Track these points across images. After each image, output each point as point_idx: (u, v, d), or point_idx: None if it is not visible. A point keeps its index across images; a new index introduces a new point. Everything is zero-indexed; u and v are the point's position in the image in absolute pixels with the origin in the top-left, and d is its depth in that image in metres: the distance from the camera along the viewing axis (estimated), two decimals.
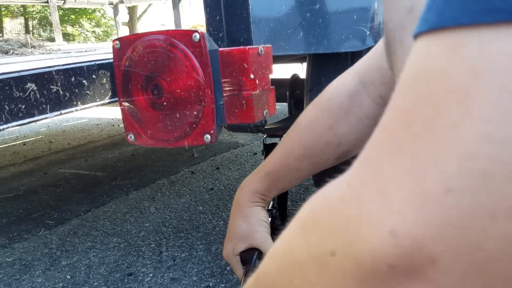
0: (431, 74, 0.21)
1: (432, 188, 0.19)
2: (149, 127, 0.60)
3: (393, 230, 0.20)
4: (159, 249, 1.31)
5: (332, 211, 0.24)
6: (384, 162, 0.22)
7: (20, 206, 1.75)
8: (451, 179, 0.19)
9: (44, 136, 3.21)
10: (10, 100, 0.52)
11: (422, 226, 0.19)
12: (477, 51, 0.19)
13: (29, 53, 1.91)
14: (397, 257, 0.20)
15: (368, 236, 0.21)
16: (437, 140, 0.20)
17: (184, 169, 2.10)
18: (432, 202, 0.19)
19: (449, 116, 0.19)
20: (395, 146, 0.21)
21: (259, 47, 0.60)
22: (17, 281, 1.17)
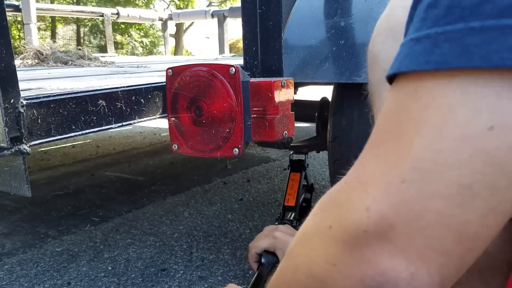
0: (399, 108, 0.32)
1: (394, 180, 0.30)
2: (190, 139, 0.74)
3: (368, 207, 0.31)
4: (189, 250, 1.44)
5: (331, 199, 0.36)
6: (367, 165, 0.33)
7: (69, 203, 1.93)
8: (405, 174, 0.30)
9: (92, 141, 3.44)
10: (85, 113, 0.67)
11: (386, 205, 0.30)
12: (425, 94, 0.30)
13: (86, 65, 2.12)
14: (370, 225, 0.31)
15: (352, 213, 0.32)
16: (399, 150, 0.31)
17: (217, 179, 2.24)
18: (392, 189, 0.30)
19: (408, 134, 0.30)
20: (375, 154, 0.33)
21: (283, 80, 0.73)
22: (65, 268, 1.33)
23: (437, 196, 0.29)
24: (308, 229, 0.38)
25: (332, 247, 0.34)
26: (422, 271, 0.30)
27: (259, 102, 0.70)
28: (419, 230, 0.29)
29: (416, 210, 0.29)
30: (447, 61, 0.28)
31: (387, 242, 0.30)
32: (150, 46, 15.54)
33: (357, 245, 0.32)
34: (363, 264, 0.31)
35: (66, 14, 4.91)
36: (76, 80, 1.04)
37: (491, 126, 0.27)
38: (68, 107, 0.63)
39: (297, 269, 0.39)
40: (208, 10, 4.04)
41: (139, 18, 4.30)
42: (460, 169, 0.28)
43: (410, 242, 0.30)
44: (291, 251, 0.42)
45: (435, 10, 0.30)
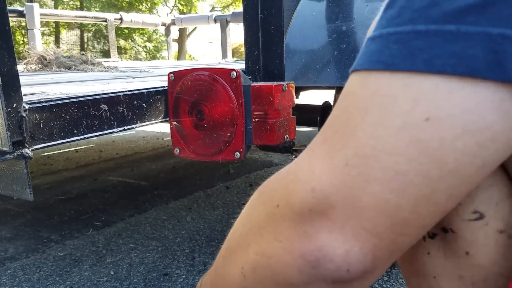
0: (348, 95, 0.34)
1: (338, 163, 0.32)
2: (191, 143, 0.74)
3: (313, 187, 0.33)
4: (192, 255, 1.44)
5: (280, 179, 0.38)
6: (316, 147, 0.35)
7: (72, 208, 1.94)
8: (349, 158, 0.32)
9: (95, 145, 3.45)
10: (87, 117, 0.67)
11: (329, 186, 0.32)
12: (372, 84, 0.31)
13: (89, 69, 2.13)
14: (314, 204, 0.33)
15: (298, 192, 0.34)
16: (345, 134, 0.32)
17: (219, 184, 2.24)
18: (336, 172, 0.32)
19: (353, 120, 0.32)
20: (323, 138, 0.35)
21: (284, 84, 0.73)
22: (67, 273, 1.34)
23: (374, 180, 0.31)
24: (256, 208, 0.40)
25: (279, 224, 0.36)
26: (356, 248, 0.32)
27: (260, 106, 0.70)
28: (356, 211, 0.31)
29: (355, 192, 0.31)
30: (394, 63, 0.31)
31: (327, 220, 0.32)
32: (154, 51, 15.60)
33: (301, 222, 0.34)
34: (304, 240, 0.33)
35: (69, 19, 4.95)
36: (79, 84, 1.05)
37: (427, 118, 0.29)
38: (70, 112, 0.63)
39: (248, 247, 0.40)
40: (211, 15, 4.06)
41: (142, 23, 4.32)
42: (396, 156, 0.30)
43: (347, 221, 0.32)
44: (238, 230, 0.43)
45: (391, 10, 0.32)
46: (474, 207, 0.41)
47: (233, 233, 0.45)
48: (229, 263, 0.44)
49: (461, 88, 0.29)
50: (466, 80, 0.28)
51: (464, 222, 0.41)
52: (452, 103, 0.29)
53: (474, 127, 0.29)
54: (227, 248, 0.46)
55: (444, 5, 0.29)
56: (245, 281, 0.41)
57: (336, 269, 0.33)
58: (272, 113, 0.69)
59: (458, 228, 0.42)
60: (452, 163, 0.30)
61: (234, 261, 0.43)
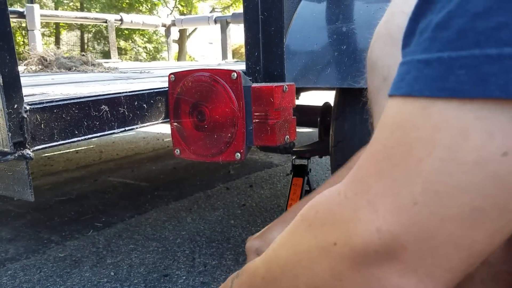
0: (406, 124, 0.31)
1: (405, 201, 0.30)
2: (192, 144, 0.74)
3: (378, 228, 0.31)
4: (192, 256, 1.44)
5: (333, 213, 0.35)
6: (371, 181, 0.32)
7: (72, 209, 1.94)
8: (417, 196, 0.30)
9: (95, 146, 3.45)
10: (88, 118, 0.67)
11: (397, 226, 0.30)
12: (436, 114, 0.29)
13: (89, 70, 2.13)
14: (380, 246, 0.31)
15: (361, 232, 0.32)
16: (408, 169, 0.30)
17: (220, 185, 2.24)
18: (404, 210, 0.30)
19: (417, 154, 0.30)
20: (379, 171, 0.32)
21: (284, 85, 0.73)
22: (67, 274, 1.34)
23: (449, 218, 0.29)
24: (306, 241, 0.38)
25: (338, 263, 0.34)
26: (430, 287, 0.31)
27: (261, 107, 0.70)
28: (430, 250, 0.30)
29: (428, 231, 0.30)
30: (464, 89, 0.28)
31: (397, 261, 0.31)
32: (154, 52, 15.60)
33: (366, 264, 0.32)
34: (372, 282, 0.32)
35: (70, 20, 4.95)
36: (79, 85, 1.05)
37: (505, 152, 0.27)
38: (71, 112, 0.63)
39: (296, 279, 0.39)
40: (211, 16, 4.06)
41: (142, 24, 4.32)
42: (472, 192, 0.28)
43: (421, 261, 0.30)
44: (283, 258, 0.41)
45: (446, 32, 0.29)
46: None
47: (277, 257, 0.43)
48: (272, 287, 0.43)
49: None
50: None
51: None
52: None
53: None
54: (269, 271, 0.44)
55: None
56: None
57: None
58: (273, 114, 0.69)
59: None
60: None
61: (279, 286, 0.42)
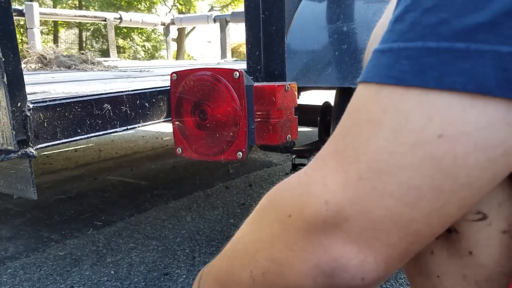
0: (360, 107, 0.34)
1: (352, 177, 0.33)
2: (194, 143, 0.74)
3: (327, 200, 0.34)
4: (192, 254, 1.44)
5: (291, 189, 0.38)
6: (327, 159, 0.36)
7: (72, 207, 1.94)
8: (362, 172, 0.33)
9: (94, 144, 3.45)
10: (90, 116, 0.67)
11: (343, 199, 0.33)
12: (385, 98, 0.32)
13: (89, 69, 2.13)
14: (327, 217, 0.34)
15: (312, 204, 0.35)
16: (358, 147, 0.33)
17: (219, 184, 2.24)
18: (350, 185, 0.33)
19: (366, 133, 0.33)
20: (335, 150, 0.36)
21: (286, 84, 0.73)
22: (67, 272, 1.34)
23: (388, 194, 0.32)
24: (267, 215, 0.41)
25: (292, 234, 0.37)
26: (370, 258, 0.33)
27: (263, 106, 0.70)
28: (370, 223, 0.33)
29: (369, 205, 0.32)
30: (405, 78, 0.31)
31: (341, 232, 0.34)
32: (152, 50, 15.57)
33: (315, 233, 0.35)
34: (319, 251, 0.35)
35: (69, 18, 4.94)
36: (80, 84, 1.05)
37: (440, 134, 0.30)
38: (73, 111, 0.64)
39: (257, 253, 0.41)
40: (210, 15, 4.06)
41: (141, 23, 4.32)
42: (410, 171, 0.31)
43: (361, 233, 0.33)
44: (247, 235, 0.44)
45: (400, 24, 0.32)
46: (477, 208, 0.41)
47: (241, 237, 0.46)
48: (236, 265, 0.45)
49: (473, 106, 0.29)
50: (478, 97, 0.29)
51: (468, 223, 0.41)
52: (464, 120, 0.29)
53: (486, 143, 0.30)
54: (234, 250, 0.47)
55: (454, 22, 0.29)
56: (255, 284, 0.43)
57: (351, 278, 0.34)
58: (275, 113, 0.69)
59: (462, 228, 0.42)
60: (464, 178, 0.31)
61: (241, 264, 0.44)
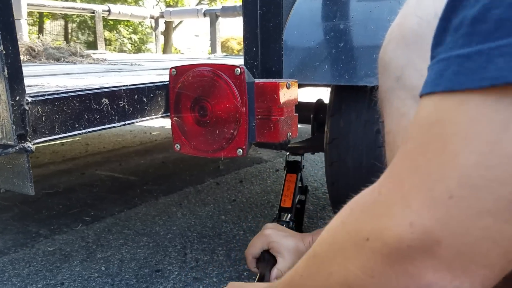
0: (442, 120, 0.31)
1: (440, 195, 0.30)
2: (193, 139, 0.73)
3: (412, 222, 0.31)
4: (184, 251, 1.43)
5: (368, 210, 0.36)
6: (406, 177, 0.33)
7: (60, 202, 1.91)
8: (452, 190, 0.30)
9: (81, 139, 3.41)
10: (89, 111, 0.66)
11: (431, 220, 0.30)
12: (474, 108, 0.29)
13: (78, 61, 2.10)
14: (414, 240, 0.31)
15: (394, 227, 0.32)
16: (444, 164, 0.31)
17: (209, 180, 2.23)
18: (439, 204, 0.30)
19: (453, 148, 0.30)
20: (414, 166, 0.32)
21: (287, 82, 0.72)
22: (57, 268, 1.32)
23: (486, 211, 0.29)
24: (340, 237, 0.38)
25: (370, 259, 0.34)
26: (466, 284, 0.31)
27: (264, 103, 0.70)
28: (466, 245, 0.30)
29: (464, 226, 0.30)
30: (503, 76, 0.28)
31: (431, 257, 0.31)
32: (139, 43, 15.42)
33: (399, 259, 0.32)
34: (406, 278, 0.32)
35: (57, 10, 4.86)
36: (73, 77, 1.03)
37: None
38: (71, 105, 0.62)
39: (330, 276, 0.39)
40: (200, 9, 4.04)
41: (130, 16, 4.28)
42: (510, 185, 0.28)
43: (456, 257, 0.30)
44: (319, 256, 0.42)
45: (484, 24, 0.29)
46: None
47: (314, 255, 0.44)
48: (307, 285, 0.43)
49: None
50: None
51: None
52: None
53: None
54: (306, 268, 0.45)
55: None
56: None
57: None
58: (276, 110, 0.69)
59: None
60: None
61: (313, 285, 0.42)
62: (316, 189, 2.05)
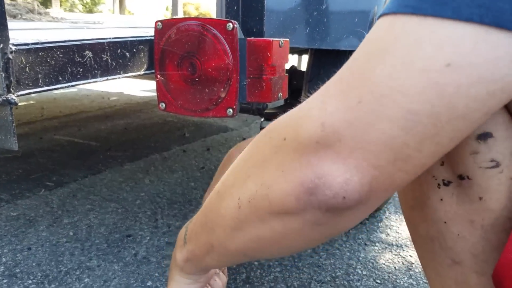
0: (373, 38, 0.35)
1: (351, 100, 0.34)
2: (180, 98, 0.70)
3: (323, 122, 0.34)
4: (154, 217, 1.41)
5: (290, 114, 0.39)
6: (331, 86, 0.36)
7: (20, 167, 1.82)
8: (363, 96, 0.33)
9: (35, 102, 3.24)
10: (72, 64, 0.62)
11: (339, 121, 0.34)
12: (399, 28, 0.33)
13: (37, 19, 1.96)
14: (321, 137, 0.34)
15: (308, 125, 0.35)
16: (362, 75, 0.34)
17: (176, 147, 2.20)
18: (348, 107, 0.34)
19: (374, 61, 0.33)
20: (339, 78, 0.36)
21: (280, 40, 0.71)
22: (23, 233, 1.26)
23: (385, 117, 0.32)
24: (261, 143, 0.42)
25: (283, 155, 0.37)
26: (355, 178, 0.34)
27: (256, 61, 0.68)
28: (362, 145, 0.33)
29: (364, 127, 0.33)
30: (422, 8, 0.32)
31: (331, 151, 0.34)
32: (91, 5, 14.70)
33: (306, 153, 0.35)
34: (306, 168, 0.35)
35: None
36: (42, 32, 0.96)
37: (449, 63, 0.31)
38: (55, 57, 0.58)
39: (248, 178, 0.42)
40: None
41: None
42: (412, 96, 0.32)
43: (351, 153, 0.34)
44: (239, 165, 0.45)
45: None
46: (491, 156, 0.43)
47: (232, 169, 0.46)
48: (225, 196, 0.46)
49: (486, 39, 0.30)
50: (491, 31, 0.30)
51: (481, 170, 0.44)
52: (475, 52, 0.30)
53: (490, 77, 0.31)
54: (224, 183, 0.47)
55: None
56: (240, 212, 0.43)
57: (333, 195, 0.35)
58: (268, 69, 0.67)
59: (474, 175, 0.44)
60: (462, 108, 0.32)
61: (230, 194, 0.45)
62: None
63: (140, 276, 1.07)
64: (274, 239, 0.43)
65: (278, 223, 0.40)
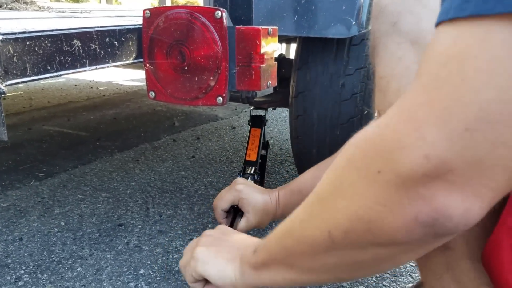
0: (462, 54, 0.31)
1: (456, 129, 0.31)
2: (169, 86, 0.71)
3: (426, 154, 0.32)
4: (146, 206, 1.41)
5: (376, 145, 0.36)
6: (419, 110, 0.33)
7: (9, 158, 1.81)
8: (470, 123, 0.30)
9: (23, 92, 3.21)
10: (60, 53, 0.62)
11: (447, 152, 0.31)
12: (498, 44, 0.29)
13: (23, 8, 1.94)
14: (429, 170, 0.32)
15: (407, 160, 0.33)
16: (462, 98, 0.30)
17: (165, 137, 2.19)
18: (454, 136, 0.31)
19: (473, 84, 0.30)
20: (429, 100, 0.32)
21: (269, 28, 0.71)
22: (14, 224, 1.26)
23: (501, 143, 0.30)
24: (348, 175, 0.39)
25: (383, 190, 0.35)
26: (476, 206, 0.32)
27: (245, 49, 0.68)
28: (478, 172, 0.31)
29: (478, 155, 0.31)
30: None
31: (444, 181, 0.32)
32: None
33: (413, 186, 0.33)
34: (418, 202, 0.33)
35: None
36: (30, 22, 0.95)
37: None
38: (43, 46, 0.58)
39: (337, 213, 0.40)
40: None
41: None
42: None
43: (468, 181, 0.32)
44: (323, 197, 0.43)
45: None
46: None
47: (314, 198, 0.45)
48: (310, 228, 0.44)
49: None
50: None
51: None
52: None
53: None
54: (307, 212, 0.46)
55: None
56: (334, 245, 0.41)
57: (454, 226, 0.33)
58: (257, 57, 0.67)
59: None
60: None
61: (316, 226, 0.43)
62: (273, 146, 2.07)
63: (132, 264, 1.08)
64: (375, 262, 0.42)
65: (383, 251, 0.39)
